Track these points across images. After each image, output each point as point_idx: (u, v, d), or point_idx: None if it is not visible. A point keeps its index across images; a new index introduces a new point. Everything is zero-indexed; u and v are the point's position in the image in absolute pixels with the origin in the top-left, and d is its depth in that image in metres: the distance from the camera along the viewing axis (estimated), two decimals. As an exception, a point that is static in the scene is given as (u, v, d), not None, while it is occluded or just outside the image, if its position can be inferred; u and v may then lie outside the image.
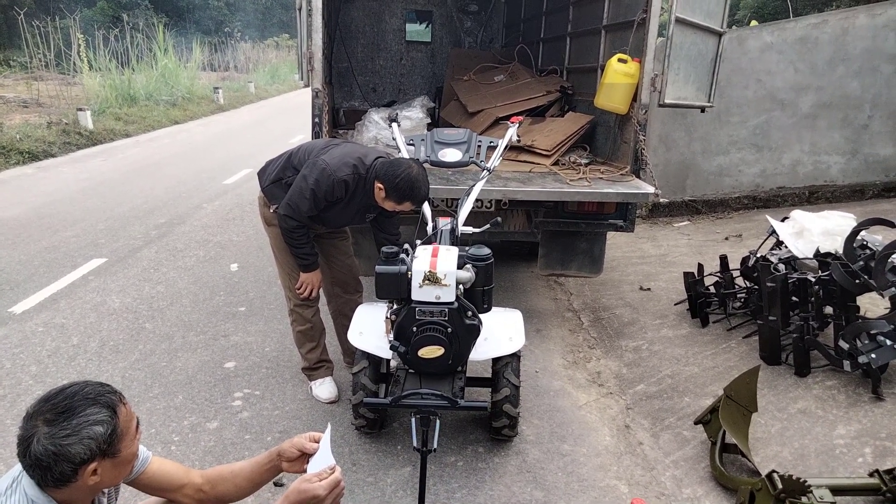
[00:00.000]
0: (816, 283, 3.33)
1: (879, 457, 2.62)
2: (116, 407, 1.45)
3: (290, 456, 1.74)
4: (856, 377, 3.09)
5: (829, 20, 6.39)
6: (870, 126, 6.49)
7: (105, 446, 1.41)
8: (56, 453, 1.35)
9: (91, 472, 1.40)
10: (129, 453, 1.49)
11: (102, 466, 1.42)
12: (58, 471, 1.36)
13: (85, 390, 1.43)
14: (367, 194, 2.97)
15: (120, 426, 1.44)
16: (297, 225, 2.99)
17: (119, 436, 1.44)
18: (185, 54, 21.83)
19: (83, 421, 1.38)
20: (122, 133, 13.20)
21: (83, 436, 1.37)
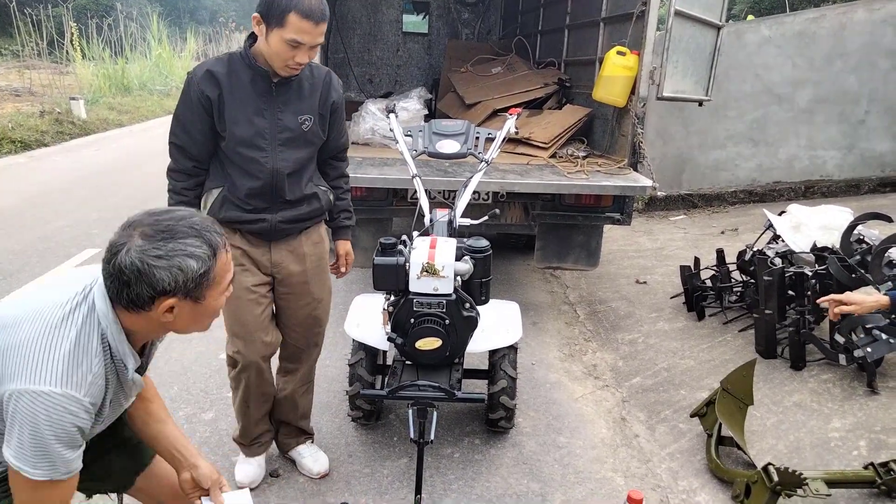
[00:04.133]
0: (813, 277, 3.34)
1: (874, 450, 2.63)
2: (218, 249, 1.32)
3: (189, 482, 1.63)
4: (851, 371, 3.10)
5: (828, 15, 6.39)
6: (866, 121, 6.50)
7: (192, 285, 1.28)
8: (140, 271, 1.24)
9: (167, 308, 1.29)
10: (212, 306, 1.36)
11: (181, 307, 1.31)
12: (135, 291, 1.26)
13: (193, 219, 1.31)
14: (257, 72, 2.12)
15: (215, 271, 1.31)
16: (168, 167, 2.24)
17: (210, 281, 1.31)
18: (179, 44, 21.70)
19: (179, 249, 1.26)
20: (116, 123, 13.13)
21: (174, 264, 1.25)
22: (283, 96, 2.17)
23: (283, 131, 2.20)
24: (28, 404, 1.21)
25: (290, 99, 2.19)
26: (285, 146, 2.22)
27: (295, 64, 2.06)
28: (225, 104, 2.12)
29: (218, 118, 2.14)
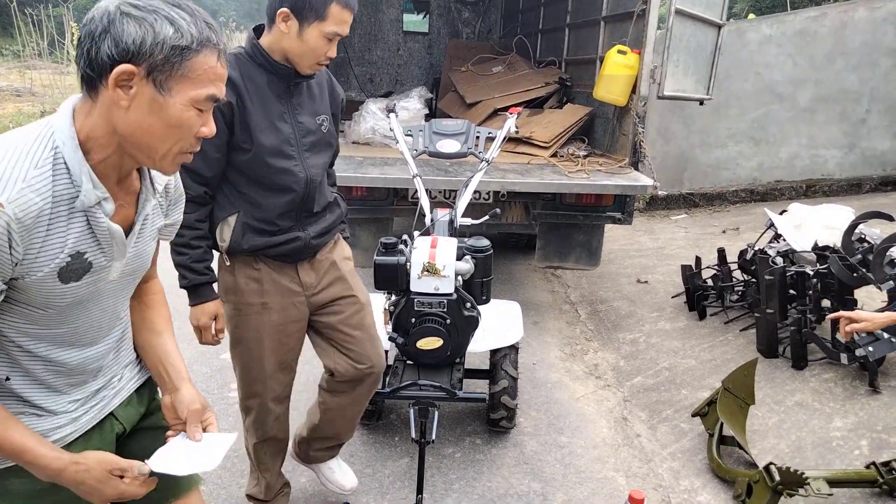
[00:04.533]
0: (814, 276, 3.33)
1: (876, 449, 2.62)
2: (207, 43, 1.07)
3: (170, 409, 1.33)
4: (853, 370, 3.09)
5: (829, 13, 6.38)
6: (867, 120, 6.49)
7: (160, 58, 1.03)
8: (110, 20, 1.02)
9: (123, 78, 1.02)
10: (174, 111, 1.07)
11: (140, 89, 1.04)
12: (96, 50, 1.02)
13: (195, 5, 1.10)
14: (278, 71, 1.92)
15: (193, 60, 1.06)
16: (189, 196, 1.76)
17: (184, 68, 1.05)
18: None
19: (162, 11, 1.04)
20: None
21: (148, 21, 1.02)
22: (297, 97, 1.99)
23: (307, 135, 1.99)
24: None
25: (304, 100, 2.01)
26: (310, 151, 2.01)
27: (326, 60, 1.91)
28: (247, 111, 1.87)
29: (240, 128, 1.87)
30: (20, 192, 1.00)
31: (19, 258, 1.03)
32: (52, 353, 1.19)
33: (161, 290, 1.50)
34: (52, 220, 1.05)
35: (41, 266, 1.06)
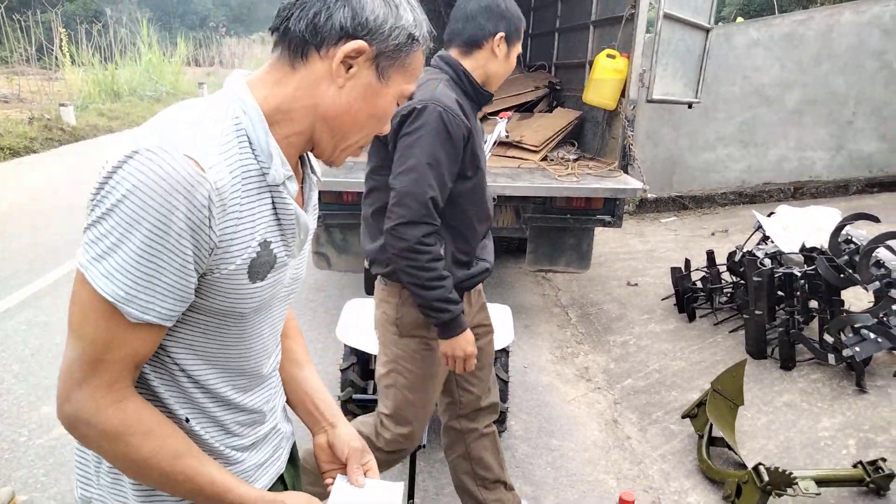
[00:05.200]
0: (802, 278, 3.36)
1: (863, 448, 2.65)
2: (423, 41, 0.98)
3: (325, 449, 1.18)
4: (840, 370, 3.12)
5: (815, 17, 6.44)
6: (854, 122, 6.56)
7: (393, 43, 0.93)
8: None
9: (350, 56, 0.90)
10: (384, 102, 0.96)
11: (361, 70, 0.92)
12: (326, 16, 0.89)
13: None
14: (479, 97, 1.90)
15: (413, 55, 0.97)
16: (425, 233, 1.76)
17: (406, 60, 0.96)
18: (169, 49, 21.65)
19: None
20: (106, 129, 13.07)
21: (391, 2, 0.93)
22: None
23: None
24: (125, 172, 0.79)
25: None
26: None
27: None
28: (473, 137, 1.82)
29: (470, 155, 1.83)
30: (218, 159, 0.84)
31: (216, 242, 0.85)
32: (223, 387, 0.99)
33: (294, 316, 1.31)
34: (245, 198, 0.88)
35: (234, 256, 0.88)
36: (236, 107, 0.89)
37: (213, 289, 0.89)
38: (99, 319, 0.82)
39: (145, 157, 0.79)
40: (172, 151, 0.80)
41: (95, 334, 0.83)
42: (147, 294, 0.82)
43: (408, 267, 1.78)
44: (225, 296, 0.91)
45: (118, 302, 0.81)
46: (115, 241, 0.80)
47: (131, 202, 0.79)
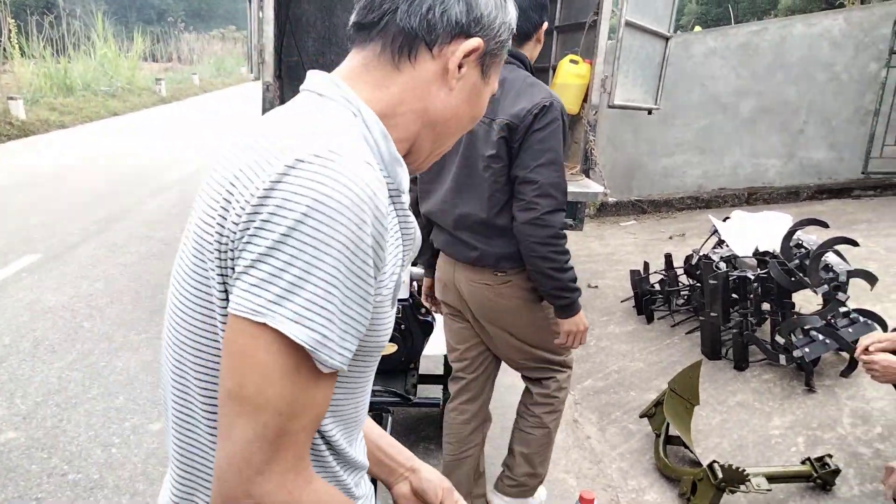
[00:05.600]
0: (755, 281, 3.46)
1: (811, 445, 2.74)
2: None
3: (411, 498, 1.05)
4: (790, 371, 3.22)
5: (769, 28, 6.65)
6: (805, 131, 6.79)
7: (500, 41, 0.85)
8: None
9: (470, 52, 0.82)
10: (480, 101, 0.88)
11: (470, 70, 0.84)
12: (440, 11, 0.79)
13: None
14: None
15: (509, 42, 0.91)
16: (563, 219, 1.96)
17: (500, 60, 0.89)
18: (125, 44, 21.11)
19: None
20: (58, 124, 12.68)
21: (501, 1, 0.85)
22: None
23: None
24: (296, 186, 0.65)
25: None
26: None
27: None
28: None
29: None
30: (375, 174, 0.71)
31: (383, 261, 0.72)
32: (342, 442, 0.84)
33: None
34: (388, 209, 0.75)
35: (388, 278, 0.76)
36: (347, 112, 0.78)
37: (371, 321, 0.74)
38: (285, 378, 0.65)
39: (320, 165, 0.66)
40: (346, 154, 0.68)
41: (281, 399, 0.65)
42: (339, 333, 0.67)
43: (551, 252, 1.90)
44: (376, 329, 0.77)
45: (315, 349, 0.65)
46: (299, 273, 0.64)
47: (314, 221, 0.64)
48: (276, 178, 0.65)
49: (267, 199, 0.65)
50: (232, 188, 0.69)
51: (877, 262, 4.12)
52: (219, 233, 0.69)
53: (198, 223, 0.74)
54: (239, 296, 0.65)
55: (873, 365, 2.08)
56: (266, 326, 0.63)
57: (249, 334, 0.64)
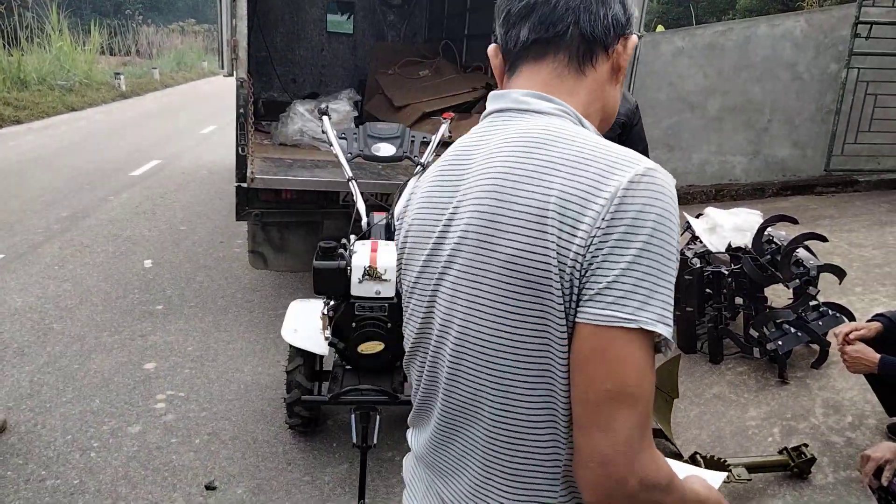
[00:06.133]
0: (729, 276, 3.55)
1: (786, 435, 2.83)
2: None
3: None
4: (764, 363, 3.32)
5: (735, 28, 6.80)
6: (769, 129, 6.96)
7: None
8: None
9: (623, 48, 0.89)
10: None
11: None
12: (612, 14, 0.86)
13: None
14: None
15: None
16: None
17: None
18: (81, 37, 20.47)
19: None
20: (13, 119, 12.26)
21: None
22: None
23: None
24: (648, 198, 0.74)
25: None
26: None
27: None
28: None
29: None
30: None
31: None
32: None
33: None
34: None
35: None
36: (579, 124, 0.86)
37: None
38: (651, 369, 0.76)
39: (654, 175, 0.75)
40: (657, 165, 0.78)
41: (650, 387, 0.76)
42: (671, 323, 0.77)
43: None
44: None
45: (669, 340, 0.76)
46: (655, 279, 0.73)
47: (663, 229, 0.73)
48: (624, 197, 0.73)
49: (621, 214, 0.73)
50: (557, 215, 0.76)
51: (840, 257, 4.27)
52: (559, 254, 0.75)
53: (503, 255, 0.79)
54: (607, 308, 0.73)
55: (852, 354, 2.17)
56: (638, 330, 0.73)
57: (625, 340, 0.73)
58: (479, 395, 0.85)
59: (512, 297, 0.79)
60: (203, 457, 2.77)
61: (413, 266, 0.94)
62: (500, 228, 0.80)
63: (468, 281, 0.84)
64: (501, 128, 0.87)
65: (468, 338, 0.84)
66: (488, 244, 0.81)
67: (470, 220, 0.84)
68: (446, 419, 0.91)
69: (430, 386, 0.94)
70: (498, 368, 0.82)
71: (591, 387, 0.76)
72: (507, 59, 0.92)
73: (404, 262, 0.97)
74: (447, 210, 0.88)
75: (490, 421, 0.85)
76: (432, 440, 0.95)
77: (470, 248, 0.83)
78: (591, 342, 0.75)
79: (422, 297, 0.92)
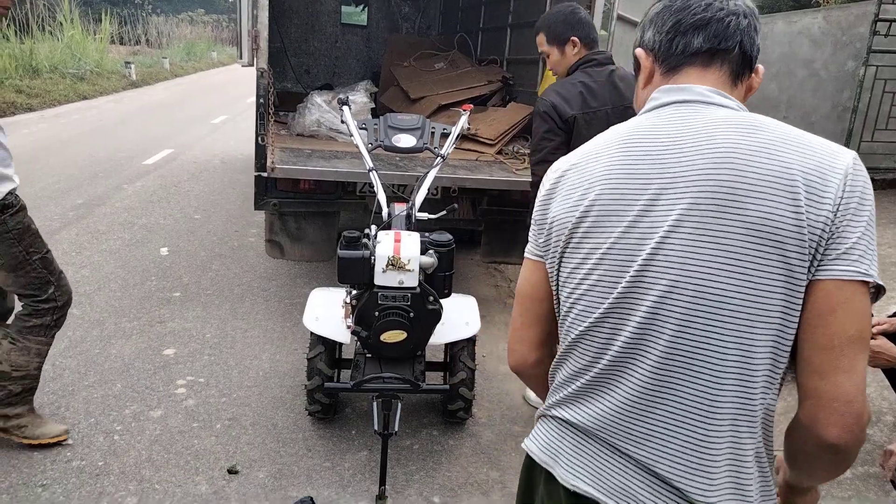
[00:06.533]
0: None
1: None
2: None
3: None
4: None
5: (749, 25, 6.79)
6: (782, 126, 6.96)
7: None
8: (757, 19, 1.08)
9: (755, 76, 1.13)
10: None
11: None
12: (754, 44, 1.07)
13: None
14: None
15: None
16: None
17: None
18: (91, 26, 20.51)
19: None
20: (25, 107, 12.33)
21: None
22: None
23: None
24: (864, 173, 0.94)
25: None
26: None
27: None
28: None
29: None
30: None
31: None
32: None
33: None
34: None
35: None
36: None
37: None
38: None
39: (860, 161, 0.95)
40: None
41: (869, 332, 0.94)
42: None
43: None
44: None
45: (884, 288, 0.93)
46: (873, 241, 0.91)
47: (872, 203, 0.93)
48: (853, 175, 0.91)
49: (852, 192, 0.90)
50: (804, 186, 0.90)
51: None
52: (808, 220, 0.89)
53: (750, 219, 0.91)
54: (851, 265, 0.89)
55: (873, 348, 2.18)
56: (867, 283, 0.89)
57: (862, 292, 0.89)
58: (709, 351, 0.94)
59: (757, 255, 0.91)
60: (224, 441, 2.80)
61: (601, 238, 1.02)
62: (744, 194, 0.91)
63: (704, 243, 0.93)
64: (694, 114, 1.02)
65: (706, 295, 0.93)
66: (731, 209, 0.92)
67: (701, 189, 0.94)
68: (658, 381, 0.97)
69: (628, 351, 0.99)
70: (737, 323, 0.92)
71: (836, 334, 0.89)
72: (664, 61, 1.09)
73: (582, 234, 1.04)
74: (651, 183, 0.99)
75: (717, 374, 0.94)
76: (627, 408, 1.00)
77: (705, 213, 0.93)
78: (836, 295, 0.89)
79: (620, 265, 1.00)
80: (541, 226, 1.15)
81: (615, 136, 1.08)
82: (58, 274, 2.55)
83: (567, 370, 1.11)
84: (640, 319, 0.98)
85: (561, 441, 1.11)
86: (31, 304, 2.50)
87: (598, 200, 1.03)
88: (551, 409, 1.14)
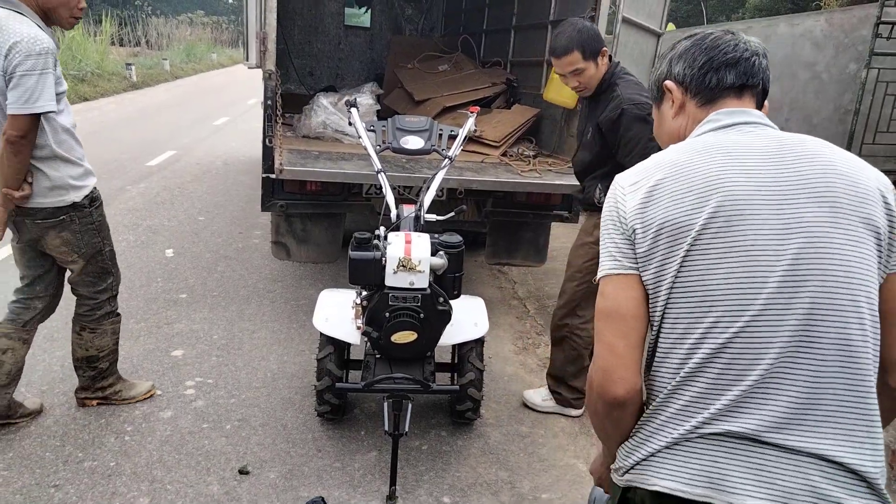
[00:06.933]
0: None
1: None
2: None
3: None
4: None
5: (754, 27, 6.80)
6: (787, 128, 6.89)
7: None
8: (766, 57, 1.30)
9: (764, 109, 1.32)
10: None
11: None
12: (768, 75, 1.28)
13: None
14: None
15: None
16: None
17: None
18: (91, 27, 20.52)
19: None
20: (28, 108, 12.31)
21: None
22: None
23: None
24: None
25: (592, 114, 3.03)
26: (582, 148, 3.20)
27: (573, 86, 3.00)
28: None
29: None
30: None
31: None
32: None
33: None
34: None
35: None
36: None
37: None
38: None
39: None
40: None
41: None
42: None
43: None
44: None
45: None
46: None
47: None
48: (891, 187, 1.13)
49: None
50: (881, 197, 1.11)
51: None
52: (889, 221, 1.11)
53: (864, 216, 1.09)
54: None
55: None
56: None
57: None
58: (854, 329, 1.05)
59: (866, 247, 1.08)
60: (234, 442, 2.81)
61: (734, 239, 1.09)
62: (857, 197, 1.09)
63: (838, 235, 1.07)
64: (765, 133, 1.19)
65: (846, 282, 1.05)
66: (848, 208, 1.08)
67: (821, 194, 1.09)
68: (826, 368, 1.04)
69: (793, 345, 1.05)
70: (868, 303, 1.06)
71: None
72: (697, 94, 1.26)
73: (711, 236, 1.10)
74: (768, 187, 1.12)
75: (863, 349, 1.05)
76: (799, 403, 1.04)
77: (824, 211, 1.08)
78: None
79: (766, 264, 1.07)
80: (644, 232, 1.13)
81: (703, 146, 1.18)
82: (116, 266, 2.89)
83: (704, 382, 1.07)
84: (802, 313, 1.04)
85: (728, 460, 1.05)
86: (91, 295, 2.78)
87: (725, 203, 1.09)
88: (703, 428, 1.07)
